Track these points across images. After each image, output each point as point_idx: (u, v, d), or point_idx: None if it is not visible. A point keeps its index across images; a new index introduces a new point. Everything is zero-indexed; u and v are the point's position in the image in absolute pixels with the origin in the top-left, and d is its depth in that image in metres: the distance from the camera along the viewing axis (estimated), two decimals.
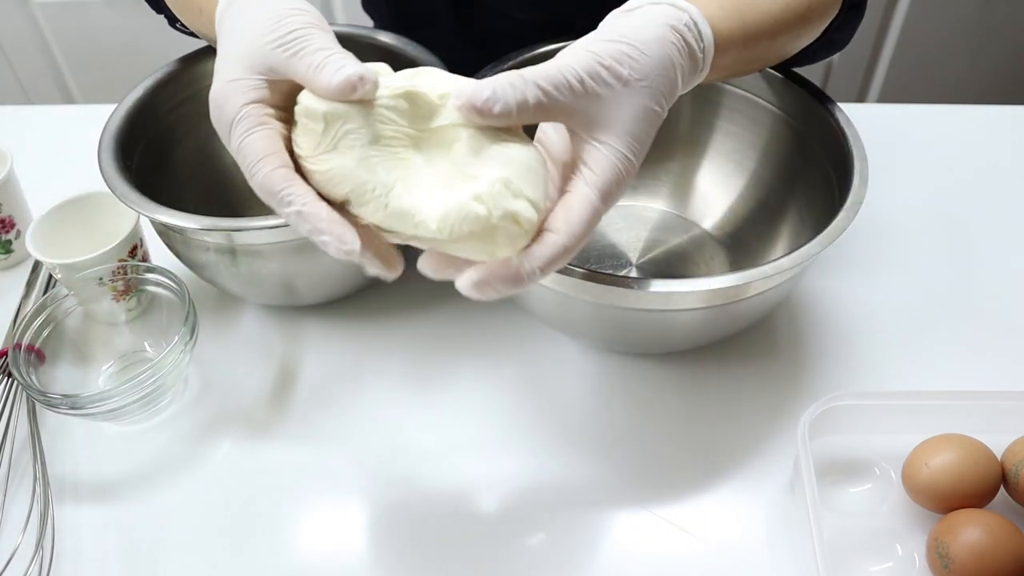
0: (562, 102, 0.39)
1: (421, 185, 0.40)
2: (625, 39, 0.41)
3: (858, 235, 0.73)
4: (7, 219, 0.73)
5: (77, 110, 0.99)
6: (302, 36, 0.42)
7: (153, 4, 0.66)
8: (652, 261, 0.71)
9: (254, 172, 0.40)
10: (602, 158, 0.40)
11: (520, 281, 0.39)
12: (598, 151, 0.40)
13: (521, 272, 0.39)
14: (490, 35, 0.78)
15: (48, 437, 0.61)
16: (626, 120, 0.41)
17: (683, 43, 0.44)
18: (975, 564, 0.48)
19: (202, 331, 0.66)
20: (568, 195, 0.40)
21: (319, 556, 0.55)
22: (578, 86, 0.39)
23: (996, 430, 0.55)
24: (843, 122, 0.61)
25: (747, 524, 0.55)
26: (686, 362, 0.64)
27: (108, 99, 0.81)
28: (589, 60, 0.40)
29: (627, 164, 0.41)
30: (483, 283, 0.39)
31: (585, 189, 0.40)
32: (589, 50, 0.41)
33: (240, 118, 0.41)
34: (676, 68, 0.43)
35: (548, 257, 0.39)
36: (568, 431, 0.61)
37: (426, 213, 0.39)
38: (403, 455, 0.60)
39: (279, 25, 0.43)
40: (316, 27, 0.43)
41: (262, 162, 0.40)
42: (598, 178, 0.40)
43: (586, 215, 0.39)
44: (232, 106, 0.42)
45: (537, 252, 0.39)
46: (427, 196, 0.40)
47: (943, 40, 1.51)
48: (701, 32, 0.45)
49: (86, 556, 0.55)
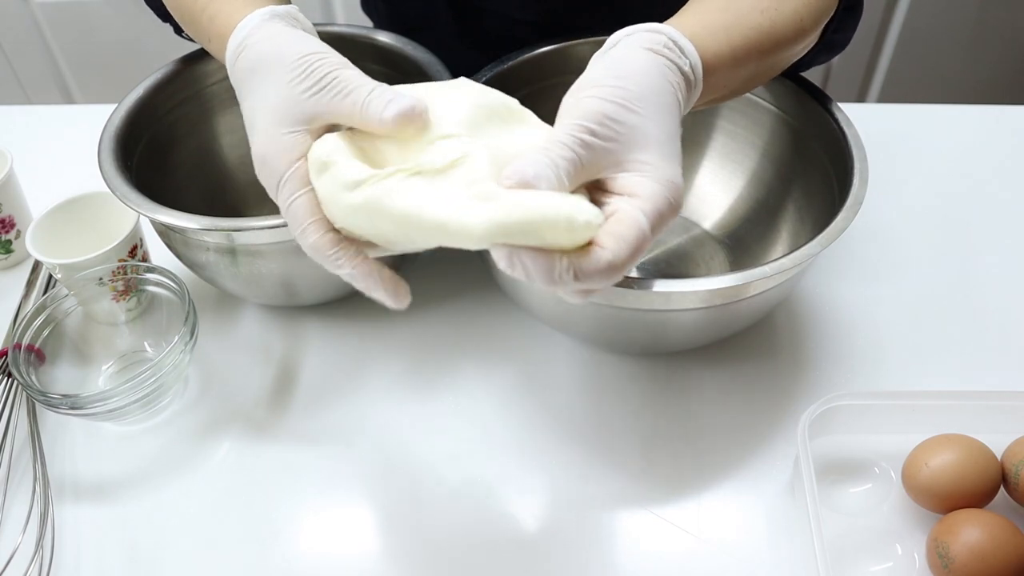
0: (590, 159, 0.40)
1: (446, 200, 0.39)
2: (617, 79, 0.42)
3: (858, 235, 0.73)
4: (7, 219, 0.73)
5: (77, 110, 0.99)
6: (337, 78, 0.43)
7: (159, 13, 0.66)
8: (652, 261, 0.71)
9: (304, 236, 0.43)
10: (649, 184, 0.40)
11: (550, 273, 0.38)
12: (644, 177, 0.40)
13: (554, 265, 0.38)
14: (489, 36, 0.78)
15: (48, 437, 0.61)
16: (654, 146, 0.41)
17: (669, 63, 0.44)
18: (975, 564, 0.48)
19: (202, 331, 0.66)
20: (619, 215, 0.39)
21: (319, 556, 0.55)
22: (590, 138, 0.40)
23: (996, 430, 0.55)
24: (843, 122, 0.61)
25: (747, 524, 0.55)
26: (686, 362, 0.64)
27: (108, 99, 0.81)
28: (594, 109, 0.40)
29: (674, 186, 0.40)
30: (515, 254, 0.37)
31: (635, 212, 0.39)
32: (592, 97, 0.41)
33: (288, 179, 0.43)
34: (673, 85, 0.44)
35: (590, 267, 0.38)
36: (567, 431, 0.61)
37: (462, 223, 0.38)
38: (403, 455, 0.60)
39: (309, 72, 0.44)
40: (345, 67, 0.44)
41: (311, 227, 0.43)
42: (647, 204, 0.39)
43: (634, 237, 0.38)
44: (279, 165, 0.44)
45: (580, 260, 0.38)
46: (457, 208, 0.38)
47: (943, 40, 1.51)
48: (683, 49, 0.45)
49: (86, 556, 0.55)
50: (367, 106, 0.42)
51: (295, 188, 0.43)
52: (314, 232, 0.43)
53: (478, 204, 0.38)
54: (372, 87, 0.43)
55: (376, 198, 0.40)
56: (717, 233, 0.72)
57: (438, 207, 0.38)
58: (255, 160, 0.45)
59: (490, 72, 0.66)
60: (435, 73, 0.65)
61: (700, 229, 0.73)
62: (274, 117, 0.44)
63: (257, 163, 0.45)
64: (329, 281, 0.64)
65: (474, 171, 0.39)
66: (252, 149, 0.45)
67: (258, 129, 0.45)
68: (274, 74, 0.45)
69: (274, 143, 0.44)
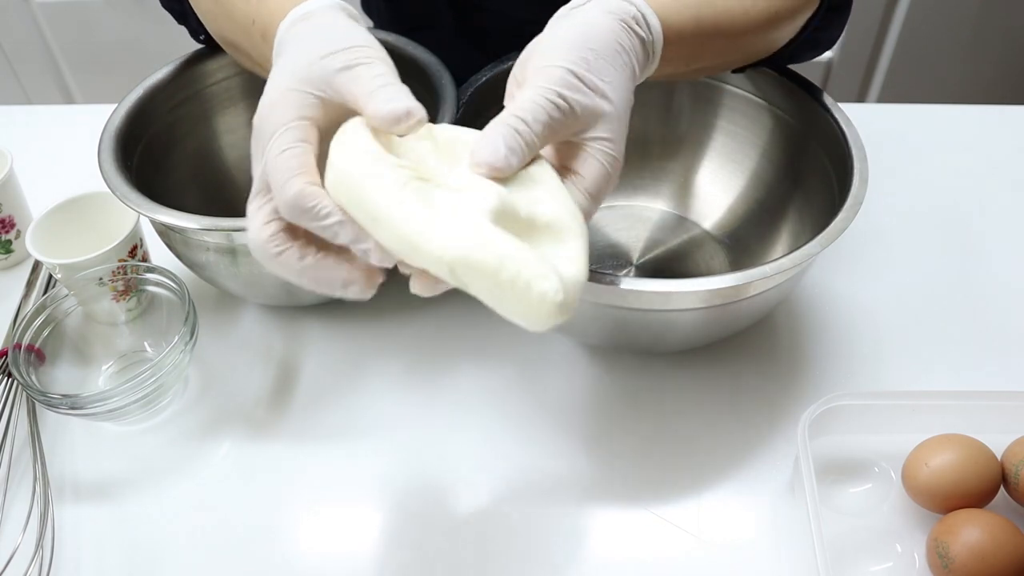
0: (556, 131, 0.42)
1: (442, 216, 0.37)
2: (584, 44, 0.44)
3: (858, 235, 0.73)
4: (7, 219, 0.73)
5: (77, 110, 0.99)
6: (365, 61, 0.43)
7: (178, 16, 0.66)
8: (652, 261, 0.71)
9: (289, 186, 0.40)
10: (592, 163, 0.43)
11: None
12: (588, 155, 0.43)
13: None
14: (489, 35, 0.78)
15: (48, 437, 0.61)
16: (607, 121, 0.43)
17: (632, 33, 0.46)
18: (975, 564, 0.48)
19: (202, 331, 0.66)
20: None
21: (319, 556, 0.55)
22: (563, 105, 0.41)
23: (996, 430, 0.55)
24: (843, 122, 0.61)
25: (747, 524, 0.55)
26: (686, 362, 0.64)
27: (108, 99, 0.81)
28: (560, 76, 0.42)
29: (614, 164, 0.43)
30: None
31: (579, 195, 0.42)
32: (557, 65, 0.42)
33: (286, 129, 0.42)
34: (632, 57, 0.45)
35: None
36: (568, 431, 0.61)
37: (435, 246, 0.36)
38: (403, 455, 0.60)
39: (346, 48, 0.43)
40: (381, 59, 0.44)
41: (298, 177, 0.40)
42: (589, 183, 0.43)
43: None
44: (281, 116, 0.42)
45: None
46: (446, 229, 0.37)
47: (943, 40, 1.51)
48: (649, 22, 0.47)
49: (86, 556, 0.55)
50: (373, 95, 0.41)
51: (292, 139, 0.41)
52: (301, 181, 0.40)
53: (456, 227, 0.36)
54: (386, 82, 0.42)
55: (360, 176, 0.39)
56: (717, 233, 0.72)
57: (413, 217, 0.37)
58: (260, 109, 0.44)
59: (490, 72, 0.66)
60: (435, 73, 0.65)
61: (700, 229, 0.73)
62: (294, 76, 0.43)
63: (260, 111, 0.43)
64: None
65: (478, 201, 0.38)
66: (262, 100, 0.44)
67: (273, 82, 0.44)
68: (315, 46, 0.44)
69: (285, 96, 0.43)
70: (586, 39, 0.44)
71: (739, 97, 0.69)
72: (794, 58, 0.62)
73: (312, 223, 0.41)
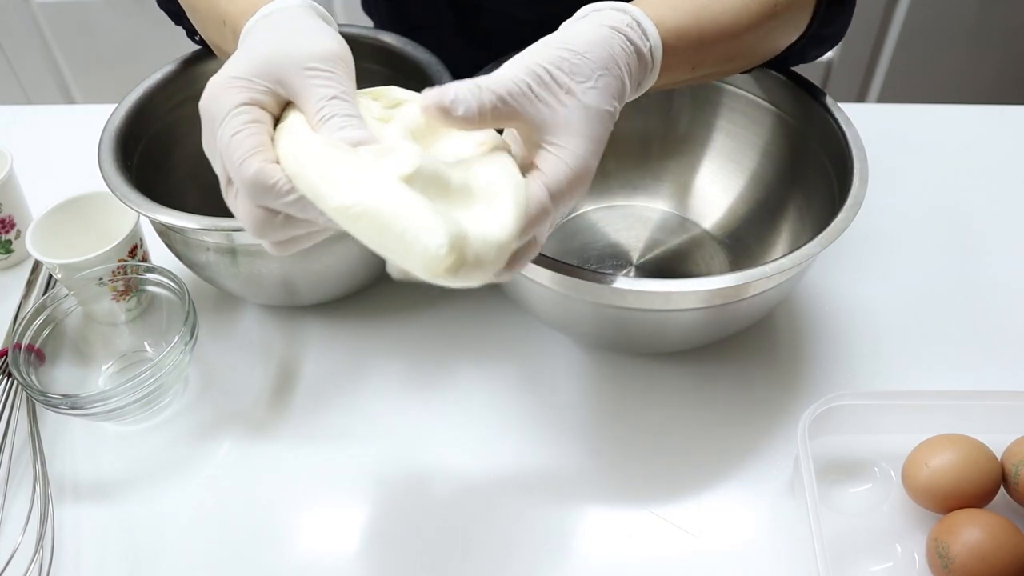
0: (515, 108, 0.40)
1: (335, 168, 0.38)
2: (565, 45, 0.43)
3: (858, 235, 0.73)
4: (7, 219, 0.73)
5: (77, 110, 0.99)
6: (327, 71, 0.42)
7: (174, 17, 0.66)
8: (652, 261, 0.71)
9: (246, 166, 0.40)
10: (552, 159, 0.41)
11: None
12: (549, 153, 0.41)
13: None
14: (490, 35, 0.78)
15: (48, 437, 0.61)
16: (578, 122, 0.41)
17: (627, 41, 0.45)
18: (975, 564, 0.48)
19: (202, 331, 0.66)
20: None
21: (319, 556, 0.55)
22: (528, 92, 0.41)
23: (996, 430, 0.55)
24: (843, 122, 0.61)
25: (747, 524, 0.55)
26: (686, 362, 0.64)
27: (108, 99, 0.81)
28: (532, 67, 0.41)
29: (579, 164, 0.41)
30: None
31: (536, 188, 0.40)
32: (533, 59, 0.42)
33: (234, 113, 0.41)
34: (621, 67, 0.44)
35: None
36: (568, 431, 0.61)
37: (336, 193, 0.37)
38: (403, 454, 0.60)
39: (312, 49, 0.43)
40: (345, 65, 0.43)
41: (256, 156, 0.40)
42: (550, 180, 0.41)
43: (534, 214, 0.40)
44: (229, 100, 0.41)
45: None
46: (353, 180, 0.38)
47: (943, 40, 1.51)
48: (645, 31, 0.46)
49: (86, 556, 0.55)
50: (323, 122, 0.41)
51: (245, 120, 0.41)
52: (257, 160, 0.40)
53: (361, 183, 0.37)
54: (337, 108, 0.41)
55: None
56: (717, 233, 0.72)
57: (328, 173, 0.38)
58: (206, 92, 0.43)
59: (490, 71, 0.65)
60: (435, 73, 0.65)
61: (700, 229, 0.73)
62: (248, 65, 0.43)
63: (206, 95, 0.42)
64: (329, 281, 0.64)
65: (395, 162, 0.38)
66: (205, 90, 0.43)
67: (226, 68, 0.43)
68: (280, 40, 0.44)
69: (233, 81, 0.42)
70: (569, 42, 0.43)
71: (739, 97, 0.69)
72: (802, 57, 0.61)
73: (276, 201, 0.40)
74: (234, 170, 0.40)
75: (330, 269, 0.62)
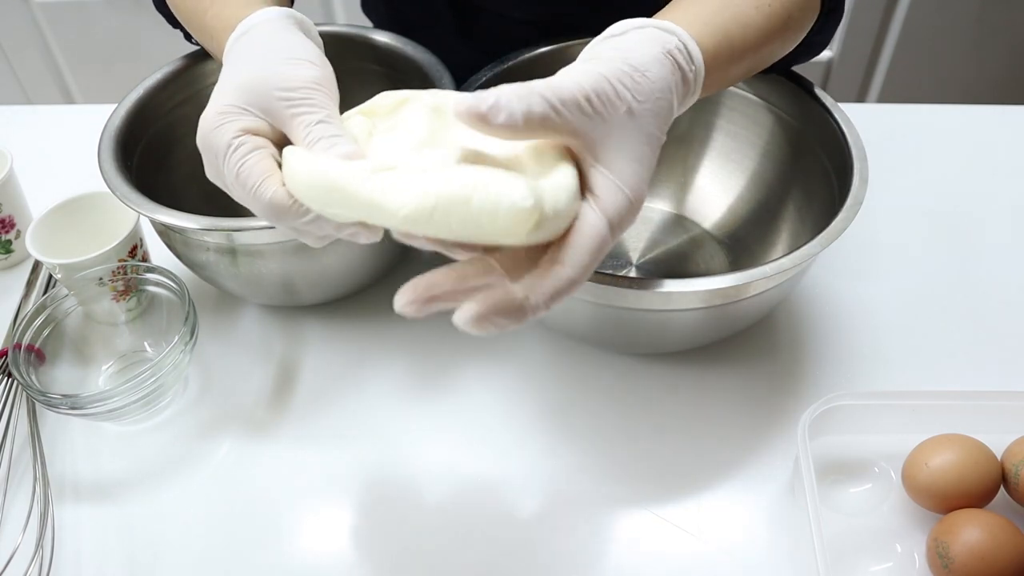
0: (569, 120, 0.37)
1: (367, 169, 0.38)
2: (627, 61, 0.40)
3: (858, 235, 0.73)
4: (7, 219, 0.73)
5: (77, 110, 0.99)
6: (307, 99, 0.43)
7: (170, 19, 0.66)
8: (652, 261, 0.71)
9: (260, 192, 0.41)
10: (611, 186, 0.38)
11: (522, 314, 0.36)
12: (606, 179, 0.38)
13: (525, 306, 0.36)
14: (490, 36, 0.78)
15: (48, 437, 0.61)
16: (632, 145, 0.39)
17: (676, 66, 0.43)
18: (975, 564, 0.48)
19: (202, 331, 0.66)
20: (576, 223, 0.38)
21: (319, 556, 0.55)
22: (586, 104, 0.37)
23: (996, 430, 0.55)
24: (843, 122, 0.61)
25: (747, 524, 0.55)
26: (686, 362, 0.64)
27: (108, 99, 0.81)
28: (596, 78, 0.38)
29: (636, 193, 0.38)
30: (482, 317, 0.36)
31: (594, 217, 0.37)
32: (595, 69, 0.39)
33: (236, 145, 0.42)
34: (673, 91, 0.42)
35: (553, 291, 0.36)
36: (568, 431, 0.61)
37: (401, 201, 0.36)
38: (403, 455, 0.60)
39: (289, 76, 0.43)
40: (323, 89, 0.44)
41: (267, 182, 0.41)
42: (608, 207, 0.38)
43: (594, 246, 0.37)
44: (224, 135, 0.42)
45: (542, 286, 0.36)
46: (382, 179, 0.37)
47: (943, 40, 1.51)
48: (692, 55, 0.44)
49: (86, 556, 0.55)
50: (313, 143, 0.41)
51: (247, 151, 0.42)
52: (272, 185, 0.41)
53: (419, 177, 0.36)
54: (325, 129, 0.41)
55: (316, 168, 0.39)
56: (717, 233, 0.72)
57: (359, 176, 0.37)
58: (200, 128, 0.44)
59: (490, 72, 0.66)
60: (435, 73, 0.65)
61: (700, 229, 0.73)
62: (236, 94, 0.43)
63: (201, 131, 0.44)
64: (329, 281, 0.64)
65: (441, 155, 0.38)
66: (201, 122, 0.44)
67: (215, 100, 0.44)
68: (261, 63, 0.44)
69: (222, 117, 0.43)
70: (629, 56, 0.40)
71: (739, 97, 0.69)
72: (792, 62, 0.62)
73: (295, 221, 0.41)
74: (250, 200, 0.42)
75: (330, 269, 0.62)
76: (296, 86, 0.43)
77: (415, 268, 0.64)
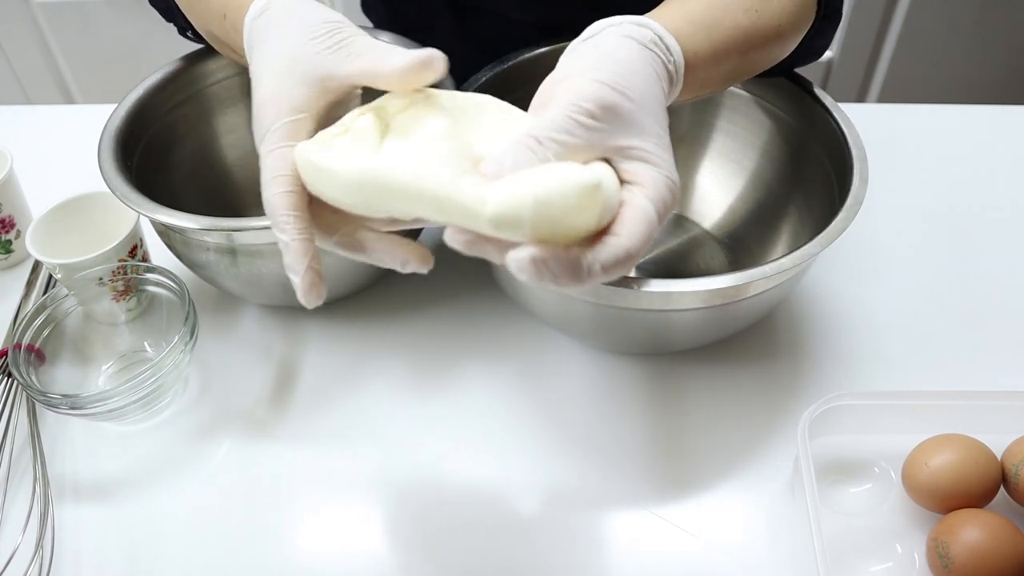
0: (582, 141, 0.38)
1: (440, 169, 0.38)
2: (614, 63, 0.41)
3: (858, 235, 0.73)
4: (7, 219, 0.73)
5: (77, 110, 0.99)
6: (356, 40, 0.43)
7: (164, 13, 0.66)
8: (652, 261, 0.71)
9: (266, 188, 0.42)
10: (650, 171, 0.39)
11: (579, 270, 0.36)
12: (638, 165, 0.39)
13: (583, 263, 0.36)
14: (489, 36, 0.78)
15: (48, 437, 0.61)
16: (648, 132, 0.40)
17: (655, 57, 0.44)
18: (975, 564, 0.48)
19: (202, 331, 0.66)
20: (622, 208, 0.38)
21: (319, 556, 0.55)
22: (589, 120, 0.38)
23: (996, 430, 0.55)
24: (843, 122, 0.61)
25: (747, 524, 0.55)
26: (686, 362, 0.64)
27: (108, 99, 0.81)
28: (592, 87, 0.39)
29: (668, 167, 0.40)
30: (539, 260, 0.35)
31: (638, 197, 0.38)
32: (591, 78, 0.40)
33: (277, 128, 0.43)
34: (658, 81, 0.43)
35: (611, 258, 0.37)
36: (568, 431, 0.61)
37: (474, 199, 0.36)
38: (403, 455, 0.60)
39: (328, 34, 0.44)
40: (363, 34, 0.45)
41: (276, 181, 0.42)
42: (651, 191, 0.38)
43: (645, 217, 0.38)
44: (276, 112, 0.43)
45: (601, 252, 0.37)
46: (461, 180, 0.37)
47: (943, 40, 1.51)
48: (669, 47, 0.45)
49: (86, 556, 0.55)
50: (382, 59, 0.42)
51: (280, 139, 0.42)
52: (277, 187, 0.41)
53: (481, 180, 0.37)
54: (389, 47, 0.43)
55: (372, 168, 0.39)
56: (717, 233, 0.72)
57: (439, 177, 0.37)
58: (254, 108, 0.44)
59: (490, 72, 0.66)
60: None
61: (700, 229, 0.73)
62: (286, 68, 0.44)
63: (256, 111, 0.44)
64: (329, 281, 0.64)
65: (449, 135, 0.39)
66: (254, 98, 0.44)
67: (264, 78, 0.44)
68: (294, 32, 0.45)
69: (279, 93, 0.43)
70: (609, 58, 0.41)
71: (739, 97, 0.69)
72: (790, 66, 0.62)
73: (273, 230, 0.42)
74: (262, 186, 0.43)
75: (330, 269, 0.62)
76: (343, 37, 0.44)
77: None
